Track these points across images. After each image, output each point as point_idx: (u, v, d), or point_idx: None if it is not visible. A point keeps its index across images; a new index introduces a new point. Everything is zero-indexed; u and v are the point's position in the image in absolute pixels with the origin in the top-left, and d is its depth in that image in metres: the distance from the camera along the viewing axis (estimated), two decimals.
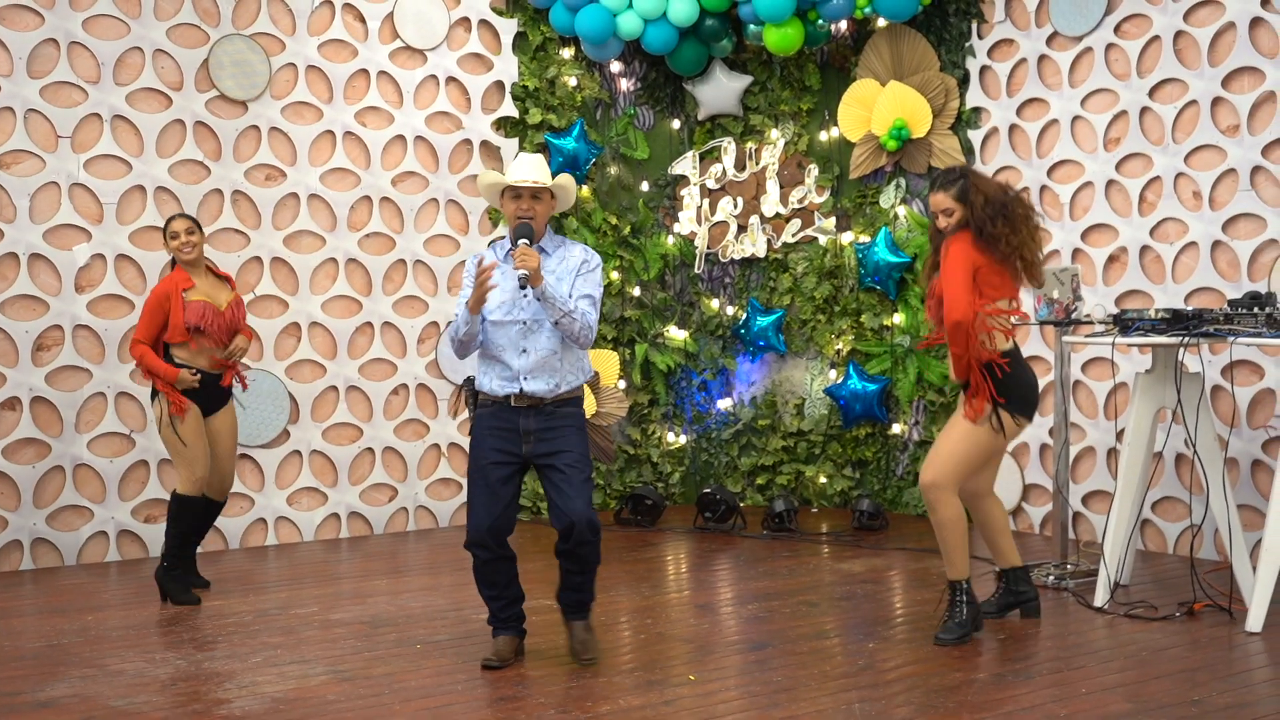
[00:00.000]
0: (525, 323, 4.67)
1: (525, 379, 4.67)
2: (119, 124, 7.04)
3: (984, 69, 7.83)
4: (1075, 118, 7.29)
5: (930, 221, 5.19)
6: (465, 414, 7.98)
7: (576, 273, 4.73)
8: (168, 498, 6.24)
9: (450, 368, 8.03)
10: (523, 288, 4.50)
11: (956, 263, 4.93)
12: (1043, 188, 7.45)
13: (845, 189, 8.62)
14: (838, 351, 8.54)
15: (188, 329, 5.83)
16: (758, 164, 8.75)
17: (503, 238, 4.91)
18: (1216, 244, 6.65)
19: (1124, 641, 5.04)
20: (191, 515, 6.00)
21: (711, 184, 8.82)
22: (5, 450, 6.67)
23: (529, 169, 4.70)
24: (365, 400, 7.79)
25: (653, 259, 8.74)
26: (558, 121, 8.43)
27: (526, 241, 4.55)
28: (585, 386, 4.90)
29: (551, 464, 4.68)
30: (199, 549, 6.36)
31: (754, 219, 8.72)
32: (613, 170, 8.73)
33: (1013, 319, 5.08)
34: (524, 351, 4.67)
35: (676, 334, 8.82)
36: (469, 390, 4.85)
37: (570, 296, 4.67)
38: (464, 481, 8.06)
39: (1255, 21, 6.50)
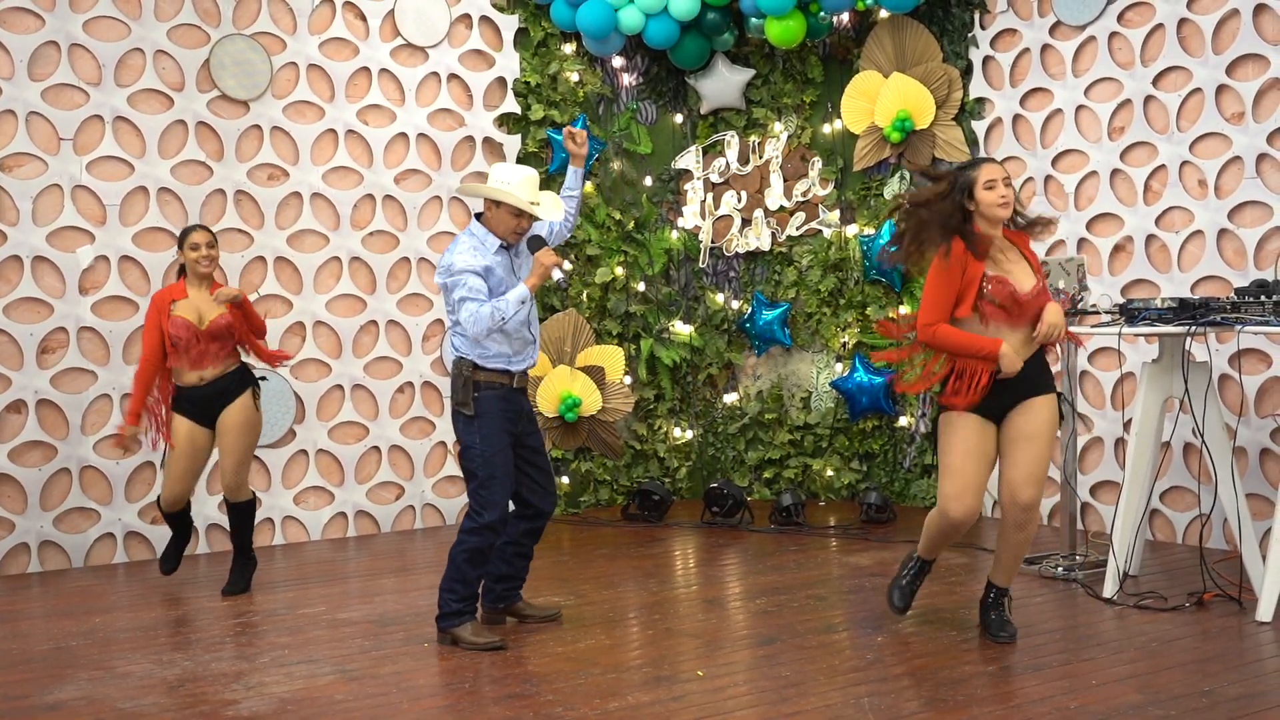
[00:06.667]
0: (530, 300, 5.06)
1: (536, 351, 5.17)
2: (121, 125, 7.03)
3: (987, 59, 7.81)
4: (1079, 107, 7.27)
5: (958, 197, 4.76)
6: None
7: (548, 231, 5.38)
8: None
9: None
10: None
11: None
12: (1047, 178, 7.43)
13: (849, 181, 8.60)
14: (843, 344, 8.53)
15: (171, 343, 5.92)
16: (761, 157, 8.72)
17: (471, 224, 5.21)
18: (1222, 232, 6.63)
19: (1134, 632, 5.02)
20: (171, 521, 6.20)
21: (715, 178, 8.79)
22: (11, 453, 6.67)
23: (533, 194, 5.06)
24: (371, 399, 7.78)
25: (657, 254, 8.72)
26: (560, 117, 8.41)
27: (545, 246, 5.08)
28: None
29: (532, 446, 5.20)
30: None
31: (758, 212, 8.70)
32: (616, 165, 8.71)
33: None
34: (532, 324, 5.12)
35: (682, 329, 8.80)
36: (468, 372, 5.01)
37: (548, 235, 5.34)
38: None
39: (1259, 8, 6.46)
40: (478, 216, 5.14)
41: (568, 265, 4.80)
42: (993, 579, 5.02)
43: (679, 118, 8.91)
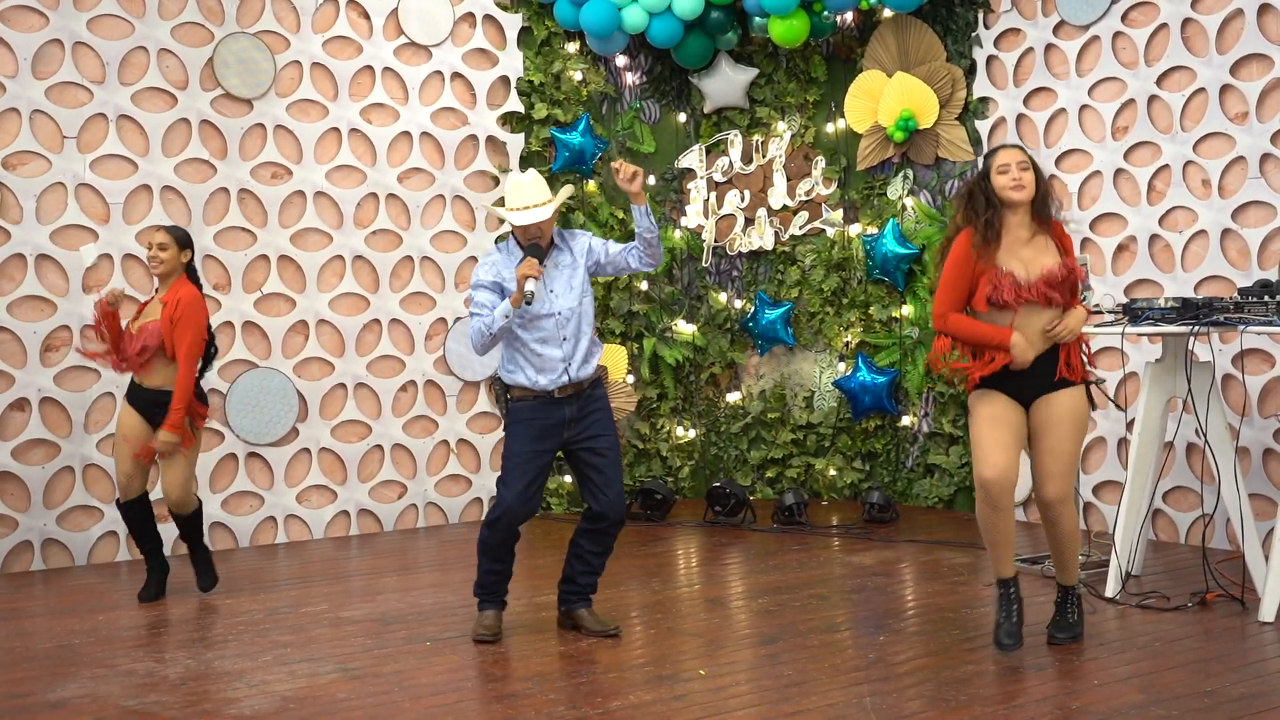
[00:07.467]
0: (560, 314, 4.95)
1: (574, 367, 4.97)
2: (124, 124, 7.04)
3: (991, 59, 7.80)
4: (1083, 107, 7.27)
5: (980, 181, 4.68)
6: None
7: (592, 251, 5.08)
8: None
9: (459, 364, 8.03)
10: (528, 303, 4.80)
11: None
12: (1051, 177, 7.41)
13: (852, 181, 8.60)
14: (846, 344, 8.53)
15: None
16: (764, 157, 8.72)
17: (506, 237, 5.19)
18: (1226, 232, 6.62)
19: (1136, 632, 5.02)
20: (127, 516, 6.00)
21: (718, 177, 8.80)
22: (15, 451, 6.68)
23: (532, 202, 4.92)
24: (374, 397, 7.79)
25: None
26: (563, 116, 8.42)
27: (535, 259, 4.87)
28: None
29: (591, 449, 5.04)
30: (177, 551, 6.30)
31: (761, 212, 8.70)
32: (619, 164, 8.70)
33: None
34: (565, 339, 4.96)
35: (685, 328, 8.80)
36: (500, 387, 5.09)
37: (609, 254, 5.08)
38: (473, 478, 8.07)
39: (1264, 8, 6.45)
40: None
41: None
42: (1057, 579, 4.93)
43: (682, 117, 8.91)
